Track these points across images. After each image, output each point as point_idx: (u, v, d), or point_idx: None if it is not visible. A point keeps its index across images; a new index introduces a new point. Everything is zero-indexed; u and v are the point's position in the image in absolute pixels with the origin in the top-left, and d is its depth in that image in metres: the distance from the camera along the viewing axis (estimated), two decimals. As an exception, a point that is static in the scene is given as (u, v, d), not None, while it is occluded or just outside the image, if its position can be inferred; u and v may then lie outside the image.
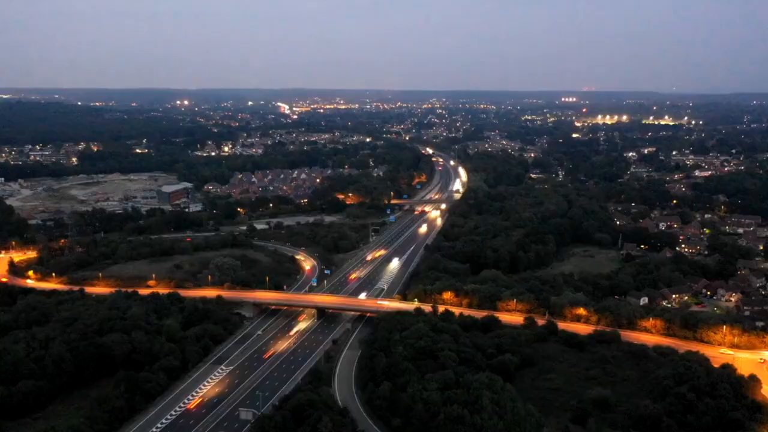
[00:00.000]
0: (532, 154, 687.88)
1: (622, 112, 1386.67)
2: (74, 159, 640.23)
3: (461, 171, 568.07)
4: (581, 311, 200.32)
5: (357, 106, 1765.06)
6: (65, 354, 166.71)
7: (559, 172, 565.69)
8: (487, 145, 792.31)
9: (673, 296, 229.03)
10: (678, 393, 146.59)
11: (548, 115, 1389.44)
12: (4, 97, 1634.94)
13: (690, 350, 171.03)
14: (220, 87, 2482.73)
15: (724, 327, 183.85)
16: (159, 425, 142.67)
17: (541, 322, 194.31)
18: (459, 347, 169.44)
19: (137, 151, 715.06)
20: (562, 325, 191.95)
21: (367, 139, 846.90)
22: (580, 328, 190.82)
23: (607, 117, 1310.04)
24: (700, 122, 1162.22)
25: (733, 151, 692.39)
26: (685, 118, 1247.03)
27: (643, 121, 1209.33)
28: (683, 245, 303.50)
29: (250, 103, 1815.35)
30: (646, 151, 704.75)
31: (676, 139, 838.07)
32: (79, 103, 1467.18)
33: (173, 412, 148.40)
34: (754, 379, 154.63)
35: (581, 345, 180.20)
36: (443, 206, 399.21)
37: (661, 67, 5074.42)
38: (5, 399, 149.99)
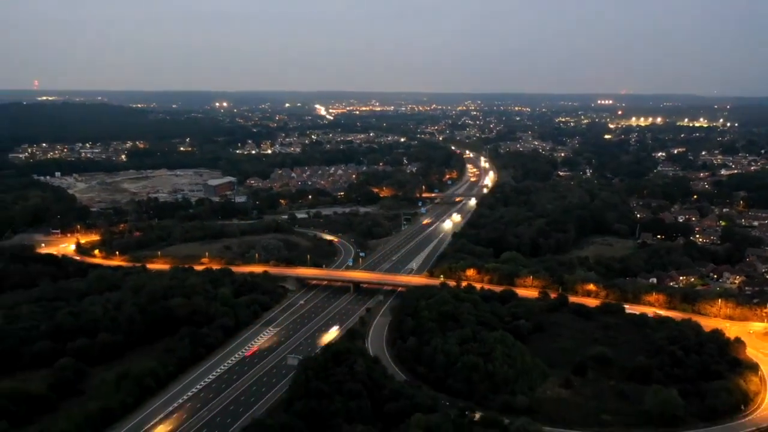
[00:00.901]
0: (562, 154, 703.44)
1: (658, 115, 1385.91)
2: (123, 156, 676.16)
3: (485, 166, 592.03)
4: (591, 287, 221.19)
5: (392, 108, 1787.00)
6: (136, 314, 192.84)
7: (587, 171, 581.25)
8: (518, 145, 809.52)
9: (681, 278, 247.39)
10: (669, 351, 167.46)
11: (582, 117, 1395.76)
12: (50, 98, 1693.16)
13: (685, 318, 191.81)
14: (258, 89, 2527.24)
15: (719, 300, 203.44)
16: (219, 369, 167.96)
17: (554, 295, 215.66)
18: (478, 312, 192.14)
19: (181, 149, 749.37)
20: (573, 299, 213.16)
21: (402, 139, 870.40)
22: (590, 302, 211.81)
23: (642, 119, 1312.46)
24: (735, 124, 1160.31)
25: (762, 151, 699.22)
26: (720, 120, 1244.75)
27: (678, 123, 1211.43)
28: (698, 235, 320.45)
29: (287, 105, 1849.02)
30: (675, 152, 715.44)
31: (708, 140, 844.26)
32: (123, 105, 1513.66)
33: (230, 360, 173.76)
34: (738, 341, 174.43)
35: (589, 314, 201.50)
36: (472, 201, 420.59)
37: (702, 71, 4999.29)
38: (88, 349, 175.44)
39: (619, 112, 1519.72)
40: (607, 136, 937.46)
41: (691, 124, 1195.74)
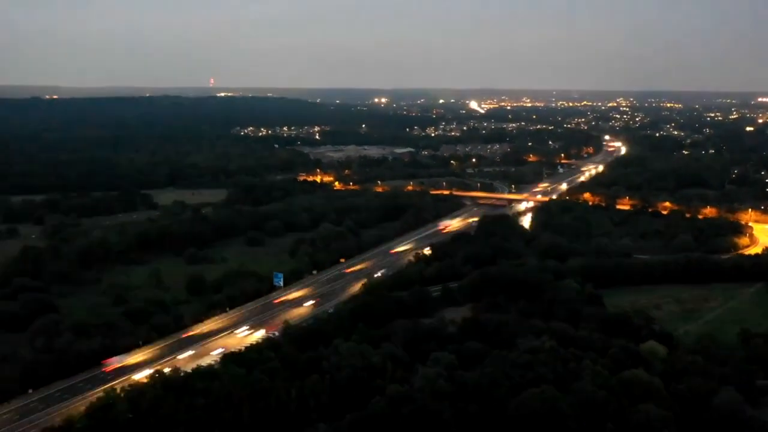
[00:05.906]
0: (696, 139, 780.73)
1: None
2: (317, 135, 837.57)
3: (620, 146, 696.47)
4: (667, 204, 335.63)
5: (543, 103, 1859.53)
6: (379, 205, 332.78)
7: (710, 151, 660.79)
8: (657, 134, 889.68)
9: (741, 206, 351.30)
10: (700, 227, 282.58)
11: (734, 112, 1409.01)
12: (229, 94, 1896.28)
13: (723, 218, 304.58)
14: (413, 86, 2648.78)
15: (749, 210, 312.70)
16: (427, 232, 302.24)
17: (639, 207, 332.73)
18: (586, 210, 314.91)
19: (359, 132, 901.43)
20: (651, 210, 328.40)
21: (549, 128, 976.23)
22: (663, 211, 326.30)
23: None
24: None
25: None
26: None
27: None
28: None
29: (441, 101, 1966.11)
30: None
31: None
32: (300, 99, 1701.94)
33: (435, 230, 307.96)
34: (747, 225, 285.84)
35: (660, 216, 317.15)
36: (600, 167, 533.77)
37: None
38: (359, 219, 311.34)
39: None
40: (748, 128, 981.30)
41: None
